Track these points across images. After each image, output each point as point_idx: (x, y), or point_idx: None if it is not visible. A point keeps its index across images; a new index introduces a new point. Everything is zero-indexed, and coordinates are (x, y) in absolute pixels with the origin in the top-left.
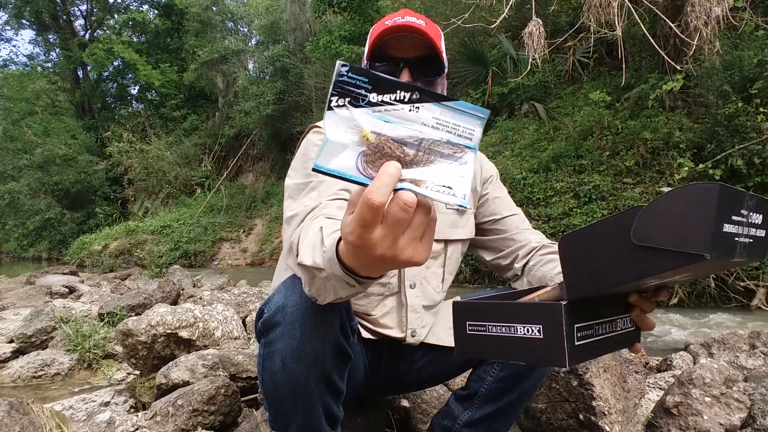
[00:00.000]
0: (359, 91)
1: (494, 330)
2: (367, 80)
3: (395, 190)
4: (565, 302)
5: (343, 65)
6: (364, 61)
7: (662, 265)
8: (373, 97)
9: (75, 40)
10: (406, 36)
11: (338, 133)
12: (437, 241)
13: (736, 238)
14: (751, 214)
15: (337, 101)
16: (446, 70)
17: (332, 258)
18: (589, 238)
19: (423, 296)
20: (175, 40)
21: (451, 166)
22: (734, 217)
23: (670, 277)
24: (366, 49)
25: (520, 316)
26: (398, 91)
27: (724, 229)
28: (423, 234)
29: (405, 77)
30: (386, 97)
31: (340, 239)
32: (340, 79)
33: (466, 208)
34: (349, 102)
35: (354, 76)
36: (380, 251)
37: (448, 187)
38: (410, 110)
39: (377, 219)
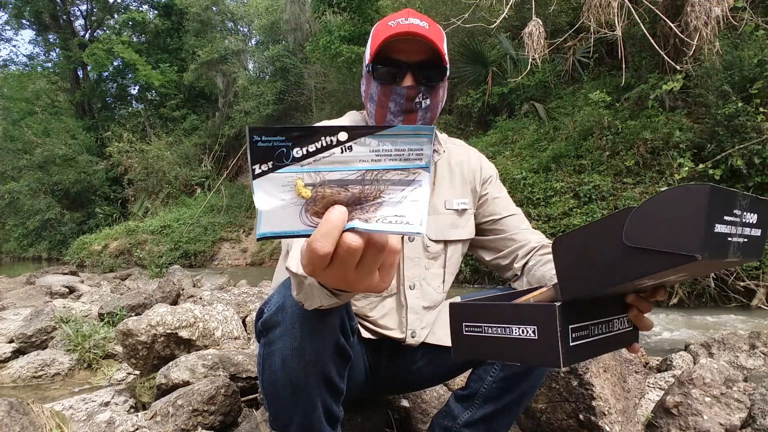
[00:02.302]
0: (279, 151)
1: (490, 331)
2: (283, 138)
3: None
4: (559, 303)
5: (252, 130)
6: (366, 63)
7: (654, 267)
8: (297, 152)
9: (75, 40)
10: (411, 40)
11: (270, 200)
12: (437, 242)
13: (729, 238)
14: (745, 213)
15: (260, 168)
16: (448, 73)
17: None
18: (582, 239)
19: (423, 297)
20: (175, 40)
21: (403, 191)
22: (726, 217)
23: (665, 278)
24: (368, 50)
25: (515, 317)
26: (321, 138)
27: (716, 230)
28: (381, 266)
29: (408, 81)
30: (310, 148)
31: None
32: (255, 145)
33: (421, 234)
34: (273, 165)
35: (268, 138)
36: (333, 283)
37: (401, 216)
38: (342, 152)
39: (325, 263)
